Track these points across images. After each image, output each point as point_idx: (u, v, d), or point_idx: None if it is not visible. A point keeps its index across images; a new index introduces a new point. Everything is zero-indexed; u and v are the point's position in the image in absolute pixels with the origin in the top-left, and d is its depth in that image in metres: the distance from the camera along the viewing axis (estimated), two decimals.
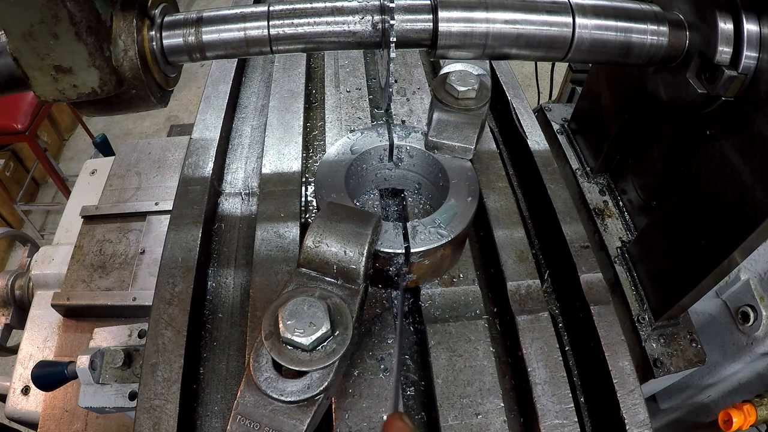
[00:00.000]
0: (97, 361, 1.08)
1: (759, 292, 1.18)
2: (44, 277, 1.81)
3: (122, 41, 0.73)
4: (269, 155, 1.14)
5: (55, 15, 0.64)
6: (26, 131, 3.84)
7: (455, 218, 0.89)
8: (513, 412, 0.86)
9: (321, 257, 0.78)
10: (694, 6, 0.86)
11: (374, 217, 0.83)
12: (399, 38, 0.79)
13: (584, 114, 1.48)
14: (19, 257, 3.19)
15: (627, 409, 0.81)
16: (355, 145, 1.01)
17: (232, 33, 0.80)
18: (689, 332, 1.16)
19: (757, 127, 0.82)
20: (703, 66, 0.85)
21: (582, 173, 1.44)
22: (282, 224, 1.00)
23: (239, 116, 1.34)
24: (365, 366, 0.83)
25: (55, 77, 0.70)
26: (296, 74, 1.36)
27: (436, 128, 0.98)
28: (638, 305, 1.17)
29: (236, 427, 0.66)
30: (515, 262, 0.97)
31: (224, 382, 0.88)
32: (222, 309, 0.97)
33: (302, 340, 0.66)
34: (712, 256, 0.94)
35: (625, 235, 1.30)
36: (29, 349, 1.72)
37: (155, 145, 2.13)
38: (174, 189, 1.07)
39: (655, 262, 1.15)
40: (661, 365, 1.12)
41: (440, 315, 0.90)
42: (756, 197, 0.83)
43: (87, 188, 2.13)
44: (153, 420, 0.78)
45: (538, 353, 0.85)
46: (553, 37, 0.83)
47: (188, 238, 0.98)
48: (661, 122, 1.17)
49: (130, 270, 1.70)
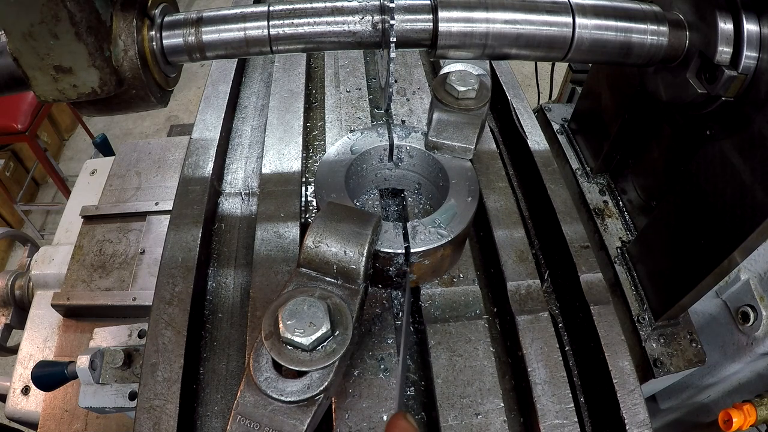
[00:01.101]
0: (97, 361, 1.08)
1: (759, 292, 1.18)
2: (44, 277, 1.81)
3: (122, 41, 0.73)
4: (269, 155, 1.14)
5: (55, 15, 0.64)
6: (26, 131, 3.84)
7: (455, 218, 0.89)
8: (513, 412, 0.86)
9: (321, 257, 0.78)
10: (694, 6, 0.86)
11: (374, 217, 0.83)
12: (399, 38, 0.79)
13: (584, 114, 1.48)
14: (19, 257, 3.19)
15: (627, 409, 0.81)
16: (355, 145, 1.01)
17: (232, 33, 0.80)
18: (689, 332, 1.16)
19: (757, 127, 0.82)
20: (703, 66, 0.85)
21: (582, 173, 1.43)
22: (282, 224, 1.00)
23: (239, 116, 1.34)
24: (365, 366, 0.83)
25: (55, 77, 0.70)
26: (296, 74, 1.36)
27: (436, 128, 0.98)
28: (638, 305, 1.17)
29: (236, 427, 0.66)
30: (515, 262, 0.97)
31: (224, 382, 0.88)
32: (222, 309, 0.97)
33: (302, 340, 0.66)
34: (712, 256, 0.94)
35: (625, 235, 1.30)
36: (29, 349, 1.72)
37: (155, 145, 2.12)
38: (174, 189, 1.07)
39: (655, 262, 1.15)
40: (661, 365, 1.12)
41: (440, 315, 0.90)
42: (756, 197, 0.83)
43: (87, 188, 2.13)
44: (153, 420, 0.78)
45: (538, 353, 0.85)
46: (553, 37, 0.83)
47: (188, 238, 0.98)
48: (661, 122, 1.17)
49: (130, 270, 1.70)
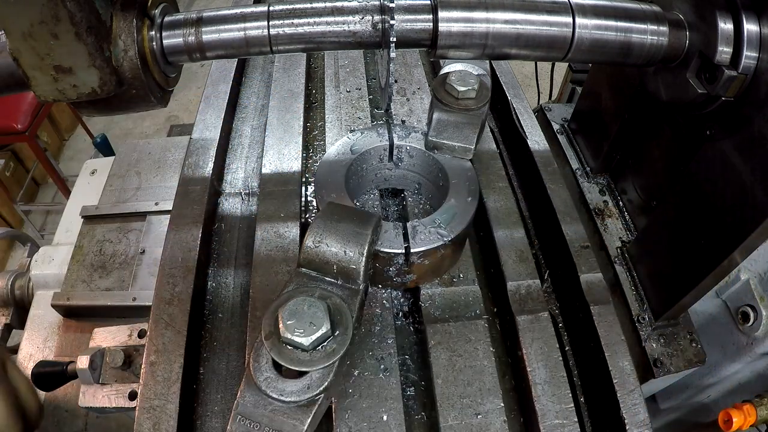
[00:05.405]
0: (97, 361, 1.08)
1: (759, 292, 1.18)
2: (44, 277, 1.81)
3: (122, 41, 0.73)
4: (269, 155, 1.14)
5: (55, 15, 0.64)
6: (26, 131, 3.84)
7: (455, 218, 0.89)
8: (513, 412, 0.86)
9: (321, 257, 0.78)
10: (694, 6, 0.86)
11: (374, 217, 0.82)
12: (399, 38, 0.78)
13: (584, 114, 1.47)
14: (19, 257, 3.19)
15: (627, 409, 0.81)
16: (355, 145, 1.01)
17: (232, 33, 0.80)
18: (689, 332, 1.16)
19: (757, 127, 0.82)
20: (703, 66, 0.85)
21: (582, 173, 1.43)
22: (282, 224, 1.00)
23: (239, 116, 1.34)
24: (365, 366, 0.83)
25: (55, 77, 0.70)
26: (296, 74, 1.36)
27: (436, 128, 0.98)
28: (638, 305, 1.17)
29: (236, 427, 0.67)
30: (515, 262, 0.97)
31: (224, 382, 0.88)
32: (222, 309, 0.97)
33: (302, 340, 0.66)
34: (712, 256, 0.94)
35: (625, 235, 1.30)
36: (29, 349, 1.71)
37: (155, 145, 2.12)
38: (174, 189, 1.07)
39: (655, 262, 1.15)
40: (661, 365, 1.12)
41: (440, 315, 0.90)
42: (756, 197, 0.83)
43: (87, 188, 2.13)
44: (153, 420, 0.78)
45: (538, 353, 0.85)
46: (553, 37, 0.82)
47: (188, 238, 0.98)
48: (661, 122, 1.16)
49: (130, 270, 1.70)
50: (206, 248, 1.03)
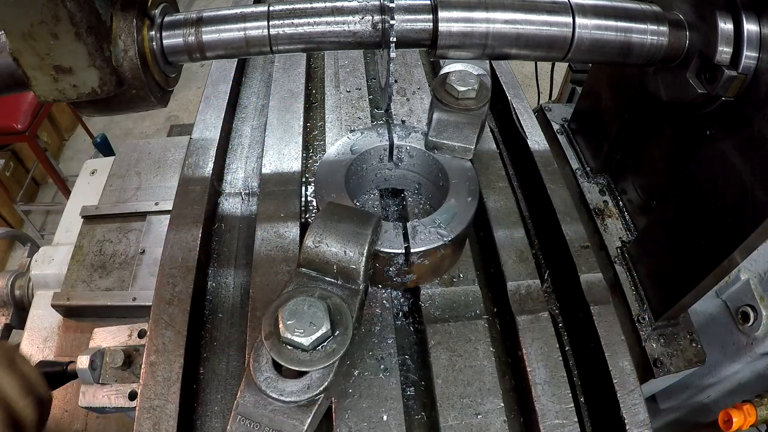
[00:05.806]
0: (97, 361, 1.08)
1: (759, 292, 1.18)
2: (44, 277, 1.81)
3: (122, 41, 0.73)
4: (269, 155, 1.14)
5: (55, 15, 0.64)
6: (26, 131, 3.83)
7: (455, 218, 0.89)
8: (513, 412, 0.86)
9: (321, 257, 0.78)
10: (694, 6, 0.86)
11: (374, 217, 0.83)
12: (399, 38, 0.79)
13: (584, 114, 1.47)
14: (19, 257, 3.18)
15: (627, 409, 0.81)
16: (355, 145, 1.01)
17: (232, 33, 0.80)
18: (689, 332, 1.16)
19: (757, 127, 0.82)
20: (703, 66, 0.85)
21: (582, 173, 1.43)
22: (282, 224, 1.00)
23: (239, 116, 1.34)
24: (365, 366, 0.83)
25: (55, 77, 0.70)
26: (296, 74, 1.36)
27: (436, 128, 0.99)
28: (638, 305, 1.17)
29: (236, 427, 0.67)
30: (515, 262, 0.97)
31: (224, 382, 0.88)
32: (222, 309, 0.97)
33: (302, 340, 0.66)
34: (712, 256, 0.94)
35: (625, 235, 1.30)
36: (29, 349, 1.71)
37: (155, 145, 2.12)
38: (174, 189, 1.07)
39: (655, 262, 1.15)
40: (661, 365, 1.12)
41: (440, 315, 0.90)
42: (756, 197, 0.83)
43: (87, 188, 2.12)
44: (153, 420, 0.78)
45: (538, 353, 0.85)
46: (553, 37, 0.82)
47: (188, 238, 0.98)
48: (661, 122, 1.16)
49: (130, 270, 1.70)
50: (206, 248, 1.03)
